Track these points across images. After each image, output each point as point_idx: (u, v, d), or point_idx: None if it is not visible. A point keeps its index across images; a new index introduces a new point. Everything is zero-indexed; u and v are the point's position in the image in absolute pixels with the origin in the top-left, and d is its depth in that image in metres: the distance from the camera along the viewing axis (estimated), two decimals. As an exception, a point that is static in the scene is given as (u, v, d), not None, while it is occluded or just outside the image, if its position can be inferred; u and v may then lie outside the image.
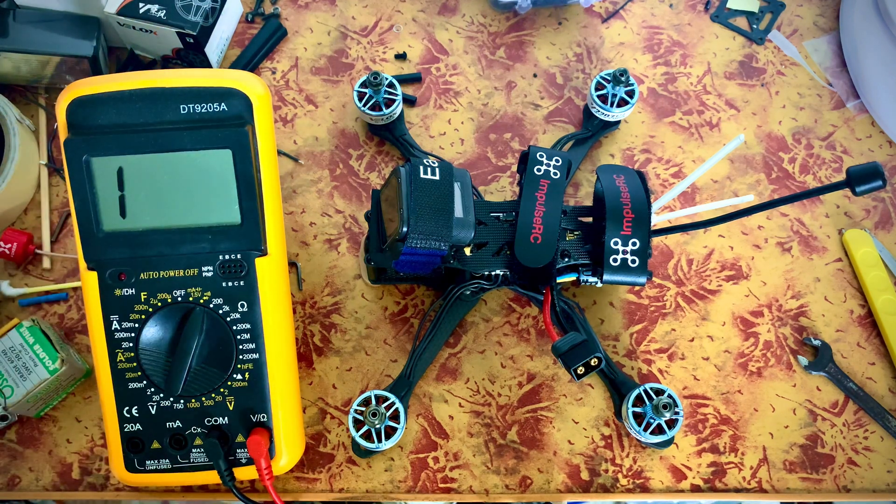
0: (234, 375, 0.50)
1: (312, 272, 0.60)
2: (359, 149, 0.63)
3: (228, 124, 0.49)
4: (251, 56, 0.65)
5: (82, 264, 0.49)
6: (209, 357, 0.49)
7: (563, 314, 0.56)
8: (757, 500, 0.55)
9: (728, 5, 0.68)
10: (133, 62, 0.64)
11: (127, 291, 0.49)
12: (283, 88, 0.65)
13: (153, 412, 0.50)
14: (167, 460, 0.50)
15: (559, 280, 0.53)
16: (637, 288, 0.60)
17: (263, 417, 0.50)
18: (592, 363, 0.44)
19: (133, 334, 0.49)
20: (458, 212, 0.48)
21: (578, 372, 0.45)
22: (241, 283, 0.50)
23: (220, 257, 0.49)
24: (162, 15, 0.59)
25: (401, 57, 0.66)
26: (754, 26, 0.67)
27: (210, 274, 0.49)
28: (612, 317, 0.59)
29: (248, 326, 0.50)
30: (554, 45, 0.66)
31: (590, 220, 0.54)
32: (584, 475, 0.55)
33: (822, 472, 0.55)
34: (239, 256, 0.49)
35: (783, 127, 0.64)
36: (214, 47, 0.63)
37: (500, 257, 0.52)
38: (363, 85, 0.60)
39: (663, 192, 0.62)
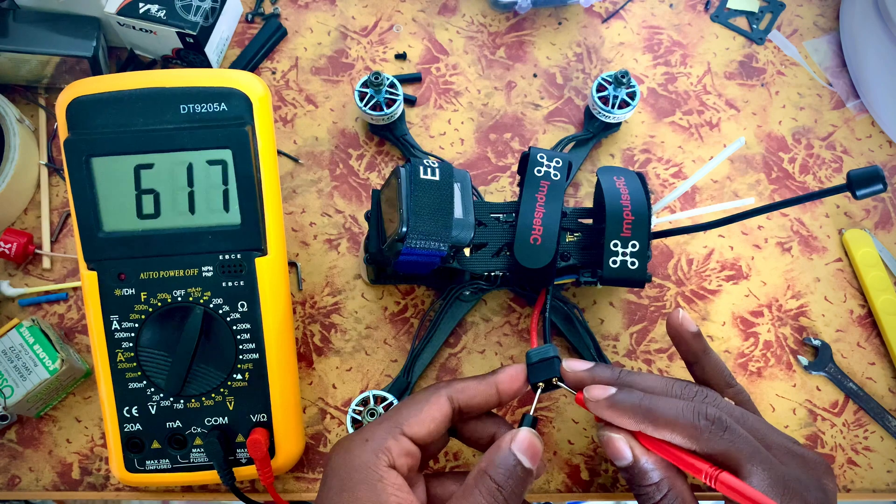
0: (234, 375, 0.50)
1: (312, 272, 0.60)
2: (359, 149, 0.63)
3: (228, 124, 0.49)
4: (251, 56, 0.65)
5: (82, 264, 0.49)
6: (209, 357, 0.50)
7: (562, 314, 0.56)
8: (756, 500, 0.55)
9: (728, 5, 0.68)
10: (133, 62, 0.64)
11: (127, 291, 0.49)
12: (283, 88, 0.65)
13: (153, 412, 0.50)
14: (167, 460, 0.50)
15: (558, 281, 0.53)
16: (637, 288, 0.60)
17: (263, 417, 0.50)
18: (553, 381, 0.46)
19: (133, 334, 0.49)
20: (458, 212, 0.48)
21: (538, 386, 0.46)
22: (241, 283, 0.50)
23: (220, 257, 0.49)
24: (162, 15, 0.59)
25: (401, 57, 0.66)
26: (754, 26, 0.67)
27: (210, 274, 0.49)
28: (612, 317, 0.59)
29: (248, 326, 0.50)
30: (554, 45, 0.66)
31: (590, 221, 0.54)
32: (584, 475, 0.55)
33: (821, 473, 0.55)
34: (239, 256, 0.49)
35: (783, 127, 0.64)
36: (214, 47, 0.63)
37: (499, 258, 0.52)
38: (364, 85, 0.60)
39: (663, 193, 0.62)
